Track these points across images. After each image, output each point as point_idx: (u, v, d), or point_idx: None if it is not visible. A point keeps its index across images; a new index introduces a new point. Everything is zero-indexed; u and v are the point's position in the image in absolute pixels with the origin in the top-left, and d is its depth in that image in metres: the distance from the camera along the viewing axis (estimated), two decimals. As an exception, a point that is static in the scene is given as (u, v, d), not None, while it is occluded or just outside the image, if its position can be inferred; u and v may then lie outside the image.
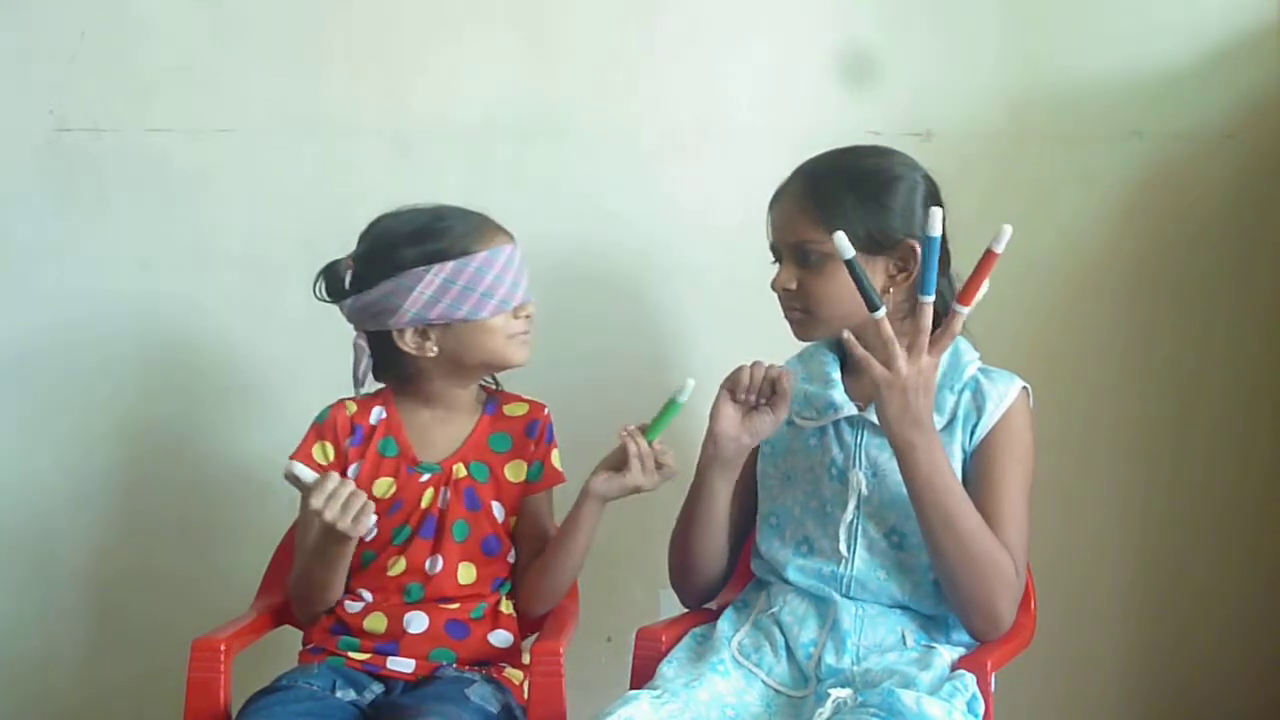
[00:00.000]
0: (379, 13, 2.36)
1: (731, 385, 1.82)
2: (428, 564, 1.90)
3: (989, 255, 1.66)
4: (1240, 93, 2.32)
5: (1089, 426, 2.33)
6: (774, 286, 1.84)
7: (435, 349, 1.89)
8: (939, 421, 1.74)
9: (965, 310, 1.68)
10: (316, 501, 1.74)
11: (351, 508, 1.75)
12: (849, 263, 1.67)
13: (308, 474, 1.78)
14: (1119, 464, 2.36)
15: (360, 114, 2.36)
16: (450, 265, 1.86)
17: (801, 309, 1.82)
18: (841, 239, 1.67)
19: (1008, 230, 1.63)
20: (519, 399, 2.00)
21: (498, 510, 1.93)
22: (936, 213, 1.66)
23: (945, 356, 1.73)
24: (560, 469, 1.98)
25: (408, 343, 1.89)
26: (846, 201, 1.78)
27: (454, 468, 1.93)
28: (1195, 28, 2.33)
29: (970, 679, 1.65)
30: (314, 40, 2.37)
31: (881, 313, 1.67)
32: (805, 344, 1.91)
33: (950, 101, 2.33)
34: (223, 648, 1.81)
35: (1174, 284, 2.34)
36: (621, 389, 2.34)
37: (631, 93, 2.36)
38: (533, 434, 1.96)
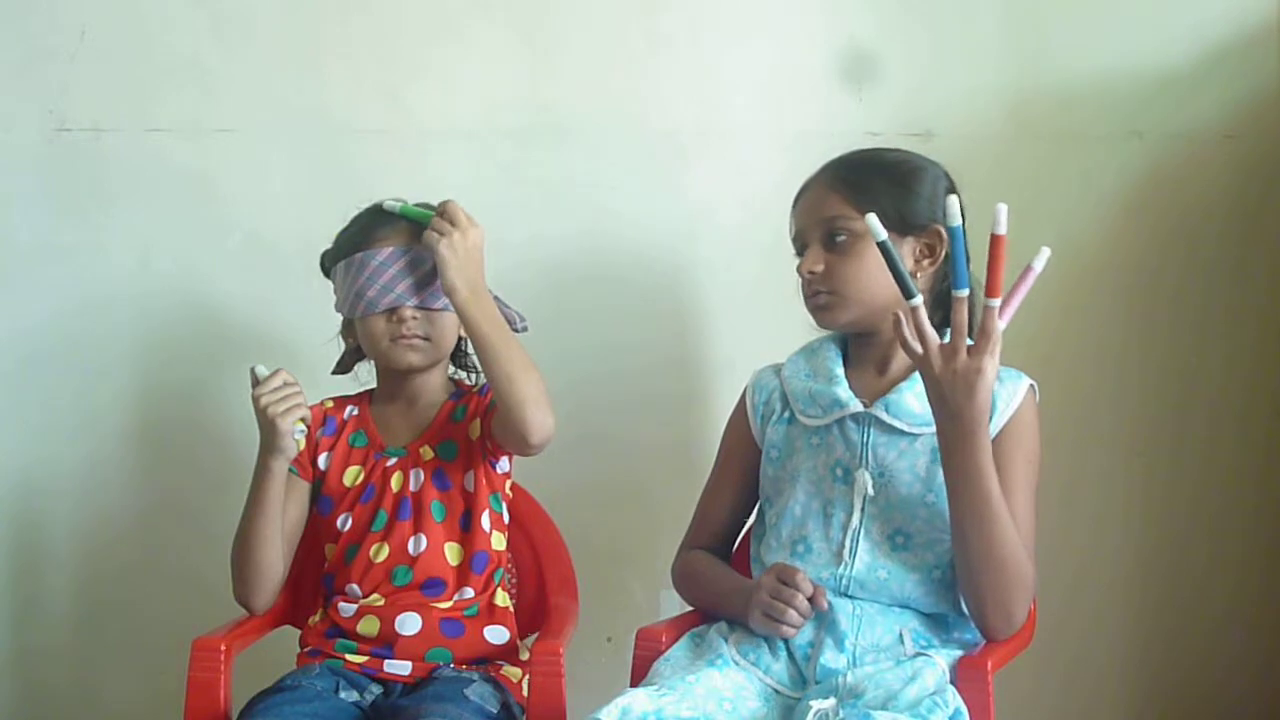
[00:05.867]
0: (379, 13, 2.36)
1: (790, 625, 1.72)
2: (410, 544, 1.91)
3: (996, 240, 1.61)
4: (1240, 93, 2.33)
5: (1087, 424, 2.33)
6: (800, 271, 1.82)
7: (355, 342, 1.99)
8: None
9: (994, 303, 1.63)
10: (260, 390, 1.85)
11: (288, 401, 1.85)
12: (882, 245, 1.65)
13: (264, 370, 1.88)
14: (1117, 461, 2.36)
15: (360, 114, 2.36)
16: (341, 265, 1.94)
17: (828, 291, 1.80)
18: (874, 220, 1.64)
19: (1003, 209, 1.61)
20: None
21: (469, 480, 1.94)
22: (953, 200, 1.63)
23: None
24: None
25: (346, 335, 2.01)
26: (876, 182, 1.80)
27: (420, 450, 1.95)
28: (1195, 28, 2.33)
29: (953, 694, 1.64)
30: (314, 40, 2.37)
31: (917, 300, 1.65)
32: (809, 340, 1.90)
33: (950, 101, 2.33)
34: (223, 648, 1.82)
35: (1173, 284, 2.35)
36: (621, 387, 2.35)
37: (631, 93, 2.36)
38: (485, 391, 1.95)
